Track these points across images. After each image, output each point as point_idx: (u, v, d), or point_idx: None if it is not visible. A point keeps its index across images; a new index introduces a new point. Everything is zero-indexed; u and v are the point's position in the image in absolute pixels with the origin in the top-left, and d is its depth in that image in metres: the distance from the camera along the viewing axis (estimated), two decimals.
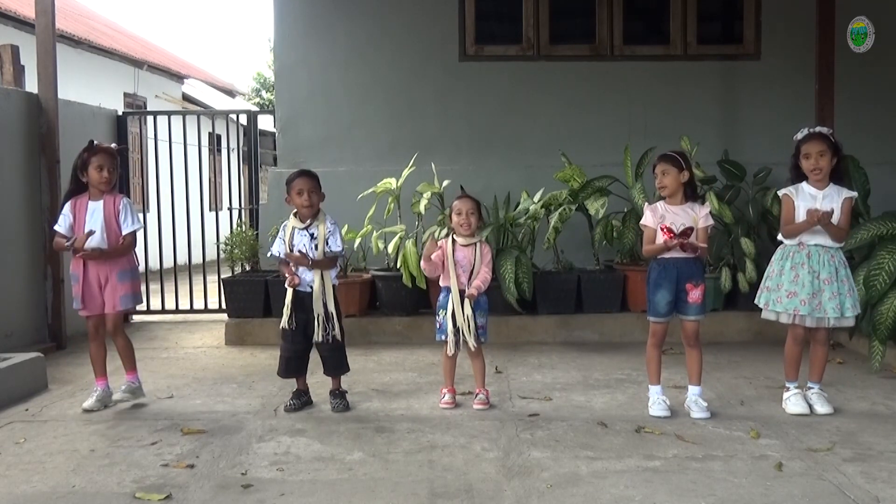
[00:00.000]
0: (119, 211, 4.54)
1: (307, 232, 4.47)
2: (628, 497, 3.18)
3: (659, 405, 4.28)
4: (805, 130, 4.31)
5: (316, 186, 4.48)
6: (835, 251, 4.26)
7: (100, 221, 4.50)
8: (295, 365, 4.56)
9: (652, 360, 4.35)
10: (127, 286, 4.56)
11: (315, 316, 4.42)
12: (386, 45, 7.55)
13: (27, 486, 3.39)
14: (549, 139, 7.40)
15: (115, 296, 4.52)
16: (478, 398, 4.50)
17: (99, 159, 4.50)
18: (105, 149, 4.58)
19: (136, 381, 4.66)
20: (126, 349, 4.67)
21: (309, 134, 7.57)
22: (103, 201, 4.54)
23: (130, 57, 14.37)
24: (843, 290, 4.22)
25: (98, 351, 4.64)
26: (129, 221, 4.55)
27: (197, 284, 7.78)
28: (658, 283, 4.25)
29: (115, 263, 4.54)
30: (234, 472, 3.51)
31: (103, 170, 4.50)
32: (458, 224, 4.47)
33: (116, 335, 4.63)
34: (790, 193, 4.31)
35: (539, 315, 6.50)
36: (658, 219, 4.23)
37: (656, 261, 4.28)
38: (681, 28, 7.51)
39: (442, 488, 3.30)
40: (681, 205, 4.26)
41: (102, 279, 4.52)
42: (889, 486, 3.28)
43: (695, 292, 4.23)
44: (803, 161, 4.26)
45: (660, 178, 4.25)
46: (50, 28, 6.37)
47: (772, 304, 4.33)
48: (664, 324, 4.31)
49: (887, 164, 7.03)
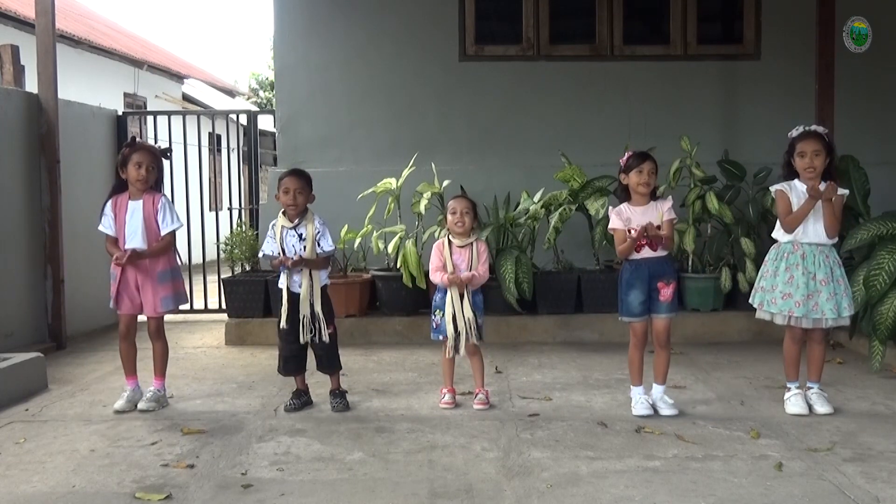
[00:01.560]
0: (158, 210, 4.51)
1: (295, 232, 4.48)
2: (628, 497, 3.18)
3: (641, 404, 4.29)
4: (801, 128, 4.31)
5: (304, 186, 4.46)
6: (829, 250, 4.26)
7: (139, 221, 4.47)
8: (293, 364, 4.56)
9: (634, 362, 4.35)
10: (168, 287, 4.53)
11: (301, 317, 4.42)
12: (386, 45, 7.55)
13: (27, 486, 3.39)
14: (549, 139, 7.40)
15: (157, 298, 4.49)
16: (478, 398, 4.50)
17: (139, 156, 4.47)
18: (146, 146, 4.56)
19: (161, 389, 4.63)
20: (162, 354, 4.64)
21: (309, 134, 7.58)
22: (143, 200, 4.51)
23: (130, 57, 14.38)
24: (840, 290, 4.22)
25: (128, 350, 4.61)
26: (169, 220, 4.52)
27: (197, 284, 7.78)
28: (630, 283, 4.26)
29: (155, 263, 4.50)
30: (234, 472, 3.51)
31: (141, 167, 4.46)
32: (453, 223, 4.48)
33: (157, 339, 4.60)
34: (784, 189, 4.31)
35: (539, 315, 6.50)
36: (624, 221, 4.25)
37: (628, 261, 4.29)
38: (681, 28, 7.52)
39: (442, 488, 3.30)
40: (644, 205, 4.27)
41: (141, 279, 4.49)
42: (889, 486, 3.28)
43: (666, 290, 4.24)
44: (797, 159, 4.26)
45: (648, 177, 4.23)
46: (50, 28, 6.37)
47: (766, 305, 4.33)
48: (642, 323, 4.31)
49: (887, 164, 7.03)
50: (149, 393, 4.57)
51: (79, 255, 6.75)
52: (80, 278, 6.82)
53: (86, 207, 6.82)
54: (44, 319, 6.44)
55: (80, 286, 6.80)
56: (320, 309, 4.45)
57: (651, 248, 4.19)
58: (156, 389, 4.60)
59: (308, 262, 4.41)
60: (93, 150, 7.29)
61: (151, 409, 4.50)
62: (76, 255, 6.72)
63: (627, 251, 4.24)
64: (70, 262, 6.59)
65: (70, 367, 5.68)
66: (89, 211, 6.64)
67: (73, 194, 6.76)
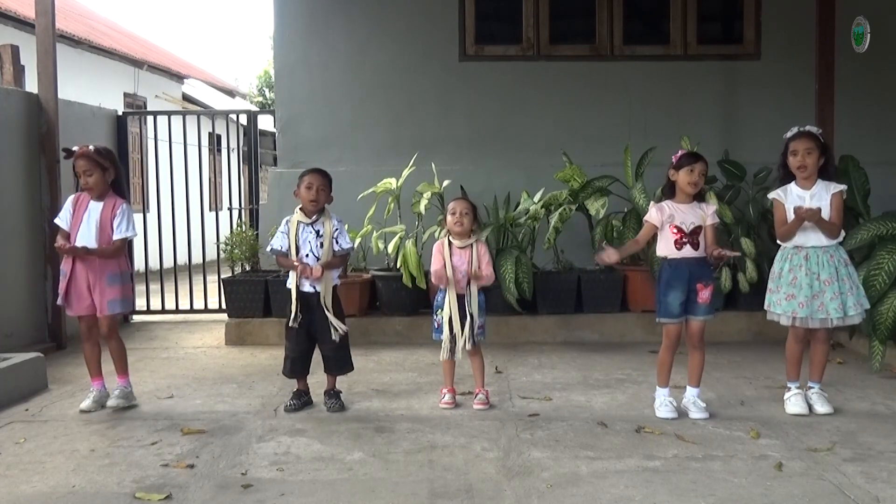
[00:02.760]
0: (115, 215, 4.52)
1: (312, 228, 4.48)
2: (628, 497, 3.18)
3: (666, 406, 4.27)
4: (795, 129, 4.33)
5: (326, 185, 4.50)
6: (834, 250, 4.26)
7: (95, 221, 4.49)
8: (300, 366, 4.57)
9: (664, 364, 4.33)
10: (116, 290, 4.52)
11: (326, 316, 4.41)
12: (386, 44, 7.55)
13: (27, 486, 3.39)
14: (549, 139, 7.40)
15: (104, 300, 4.50)
16: (478, 398, 4.50)
17: (79, 165, 4.49)
18: (83, 153, 4.50)
19: (128, 386, 4.64)
20: (118, 352, 4.64)
21: (309, 134, 7.57)
22: (104, 203, 4.54)
23: (130, 57, 14.38)
24: (845, 289, 4.21)
25: (92, 351, 4.64)
26: (123, 227, 4.53)
27: (197, 284, 7.78)
28: (670, 284, 4.23)
29: (105, 267, 4.50)
30: (234, 472, 3.51)
31: (80, 176, 4.50)
32: (452, 224, 4.48)
33: (109, 338, 4.61)
34: (779, 197, 4.33)
35: (539, 315, 6.50)
36: (666, 217, 4.23)
37: (668, 261, 4.26)
38: (681, 28, 7.51)
39: (442, 488, 3.30)
40: (689, 204, 4.27)
41: (92, 280, 4.50)
42: (889, 486, 3.28)
43: (705, 292, 4.22)
44: (790, 158, 4.28)
45: (698, 177, 4.22)
46: (50, 28, 6.37)
47: (773, 307, 4.34)
48: (678, 325, 4.29)
49: (887, 164, 7.02)
50: (116, 391, 4.58)
51: None
52: None
53: None
54: (44, 319, 6.44)
55: None
56: (332, 309, 4.46)
57: (692, 247, 4.19)
58: (122, 386, 4.61)
59: (327, 263, 4.42)
60: None
61: (121, 405, 4.51)
62: None
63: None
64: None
65: (70, 367, 5.68)
66: None
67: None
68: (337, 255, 4.51)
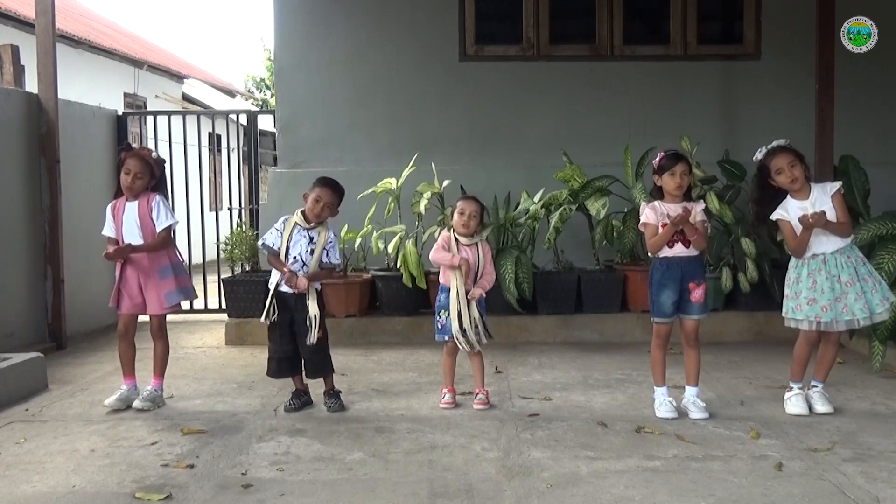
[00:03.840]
0: (152, 208, 4.53)
1: (308, 234, 4.48)
2: (628, 497, 3.18)
3: (666, 406, 4.27)
4: (763, 149, 4.31)
5: (335, 203, 4.51)
6: (849, 250, 4.23)
7: (134, 220, 4.50)
8: (285, 366, 4.54)
9: (657, 362, 4.34)
10: (170, 282, 4.54)
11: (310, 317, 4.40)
12: (386, 45, 7.54)
13: (27, 486, 3.39)
14: (549, 139, 7.40)
15: (161, 294, 4.51)
16: (478, 398, 4.50)
17: (129, 163, 4.50)
18: (139, 153, 4.56)
19: (159, 389, 4.62)
20: (162, 353, 4.64)
21: (309, 134, 7.57)
22: (138, 202, 4.54)
23: (130, 57, 14.38)
24: (868, 287, 4.17)
25: (127, 350, 4.63)
26: (163, 217, 4.53)
27: (197, 284, 7.73)
28: (662, 283, 4.24)
29: (154, 262, 4.51)
30: (234, 472, 3.51)
31: (129, 174, 4.49)
32: (459, 224, 4.48)
33: (159, 338, 4.61)
34: (782, 215, 4.29)
35: (539, 315, 6.50)
36: (660, 216, 4.24)
37: (660, 260, 4.27)
38: (681, 28, 7.51)
39: (442, 488, 3.30)
40: (678, 204, 4.27)
41: (143, 278, 4.51)
42: (889, 486, 3.28)
43: (697, 291, 4.23)
44: (777, 177, 4.24)
45: (681, 178, 4.22)
46: (50, 28, 6.37)
47: (791, 313, 4.28)
48: (668, 324, 4.31)
49: (887, 164, 7.03)
50: (146, 392, 4.57)
51: (79, 255, 6.74)
52: (80, 278, 6.82)
53: (86, 207, 6.83)
54: (44, 319, 6.44)
55: (80, 286, 6.80)
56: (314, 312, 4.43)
57: (684, 245, 4.19)
58: (153, 389, 4.60)
59: (312, 276, 4.42)
60: (93, 150, 7.29)
61: (147, 408, 4.49)
62: (76, 255, 6.71)
63: (661, 243, 4.21)
64: (70, 262, 6.59)
65: (70, 367, 5.68)
66: (89, 211, 6.68)
67: (73, 194, 6.76)
68: (324, 269, 4.52)
